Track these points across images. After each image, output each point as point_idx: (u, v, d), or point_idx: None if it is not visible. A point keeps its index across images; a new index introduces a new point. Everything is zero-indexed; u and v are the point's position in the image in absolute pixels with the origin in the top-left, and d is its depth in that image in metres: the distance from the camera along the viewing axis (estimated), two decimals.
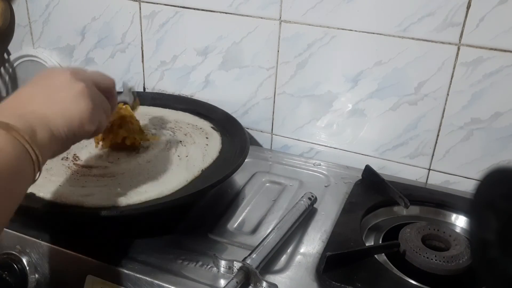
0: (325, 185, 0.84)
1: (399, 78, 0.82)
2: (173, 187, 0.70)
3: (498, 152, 0.80)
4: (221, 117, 0.91)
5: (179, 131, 0.87)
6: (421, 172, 0.87)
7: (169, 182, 0.71)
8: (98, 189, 0.68)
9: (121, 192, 0.67)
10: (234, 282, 0.57)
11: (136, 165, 0.74)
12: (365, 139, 0.90)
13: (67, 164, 0.75)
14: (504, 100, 0.77)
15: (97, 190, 0.67)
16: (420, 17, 0.77)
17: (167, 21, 0.97)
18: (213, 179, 0.69)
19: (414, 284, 0.61)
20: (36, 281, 0.67)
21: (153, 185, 0.69)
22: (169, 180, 0.71)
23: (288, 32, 0.87)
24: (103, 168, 0.74)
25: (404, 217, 0.76)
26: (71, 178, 0.71)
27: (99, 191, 0.67)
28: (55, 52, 1.11)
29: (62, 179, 0.70)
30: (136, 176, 0.72)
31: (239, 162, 0.74)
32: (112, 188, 0.68)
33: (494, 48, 0.75)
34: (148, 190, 0.68)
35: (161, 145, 0.80)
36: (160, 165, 0.75)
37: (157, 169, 0.74)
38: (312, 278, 0.62)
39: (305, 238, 0.70)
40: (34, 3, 1.08)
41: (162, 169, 0.74)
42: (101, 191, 0.67)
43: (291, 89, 0.91)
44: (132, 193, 0.67)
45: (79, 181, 0.70)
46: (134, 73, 1.05)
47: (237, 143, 0.83)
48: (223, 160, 0.79)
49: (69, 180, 0.70)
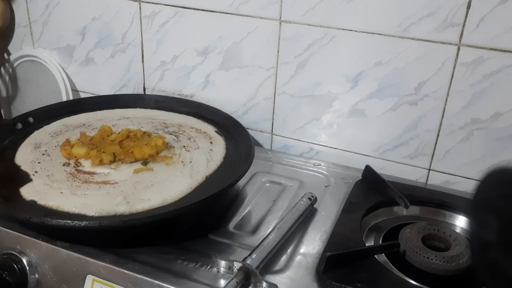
0: (325, 185, 0.84)
1: (399, 78, 0.82)
2: (177, 195, 0.69)
3: (498, 152, 0.80)
4: (225, 121, 0.91)
5: (182, 135, 0.86)
6: (421, 172, 0.87)
7: (172, 189, 0.70)
8: (100, 198, 0.67)
9: (124, 201, 0.66)
10: (234, 282, 0.57)
11: (138, 172, 0.74)
12: (365, 139, 0.89)
13: (68, 170, 0.74)
14: (504, 100, 0.77)
15: (99, 198, 0.67)
16: (420, 17, 0.77)
17: (167, 21, 0.97)
18: (218, 187, 0.68)
19: (414, 284, 0.61)
20: (36, 281, 0.66)
21: (157, 192, 0.69)
22: (172, 187, 0.70)
23: (288, 32, 0.87)
24: (105, 175, 0.73)
25: (404, 217, 0.76)
26: (73, 185, 0.70)
27: (101, 199, 0.66)
28: (55, 52, 1.11)
29: (63, 186, 0.70)
30: (139, 183, 0.71)
31: (245, 169, 0.73)
32: (115, 196, 0.67)
33: (494, 48, 0.75)
34: (151, 197, 0.67)
35: (165, 151, 0.80)
36: (164, 171, 0.74)
37: (161, 175, 0.73)
38: (312, 278, 0.62)
39: (305, 238, 0.70)
40: (34, 3, 1.08)
41: (165, 175, 0.73)
42: (103, 199, 0.67)
43: (291, 89, 0.91)
44: (135, 201, 0.66)
45: (81, 188, 0.70)
46: (134, 73, 1.05)
47: (241, 148, 0.82)
48: (227, 166, 0.79)
49: (71, 188, 0.70)
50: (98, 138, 0.82)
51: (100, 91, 1.10)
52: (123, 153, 0.77)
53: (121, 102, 0.98)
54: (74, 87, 1.13)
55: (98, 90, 1.10)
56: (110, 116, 0.94)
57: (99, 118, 0.93)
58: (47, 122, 0.90)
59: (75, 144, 0.79)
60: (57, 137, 0.85)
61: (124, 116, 0.94)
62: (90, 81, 1.11)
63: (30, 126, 0.88)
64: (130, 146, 0.79)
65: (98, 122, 0.91)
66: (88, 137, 0.82)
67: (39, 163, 0.77)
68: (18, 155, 0.79)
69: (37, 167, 0.75)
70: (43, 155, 0.79)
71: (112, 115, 0.95)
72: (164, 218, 0.64)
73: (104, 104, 0.97)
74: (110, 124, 0.87)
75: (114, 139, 0.81)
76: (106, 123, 0.89)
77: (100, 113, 0.95)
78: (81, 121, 0.92)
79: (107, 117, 0.94)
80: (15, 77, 1.18)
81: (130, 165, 0.76)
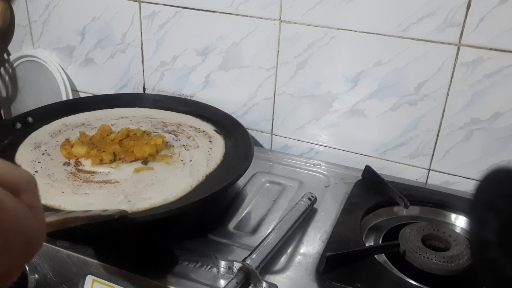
0: (325, 185, 0.84)
1: (399, 78, 0.82)
2: (178, 193, 0.69)
3: (498, 152, 0.80)
4: (224, 120, 0.91)
5: (181, 134, 0.86)
6: (421, 172, 0.87)
7: (173, 188, 0.70)
8: (101, 197, 0.67)
9: (125, 199, 0.66)
10: (234, 282, 0.57)
11: (139, 171, 0.74)
12: (365, 139, 0.89)
13: (69, 170, 0.74)
14: (504, 100, 0.77)
15: (100, 197, 0.67)
16: (420, 17, 0.77)
17: (167, 21, 0.97)
18: (218, 185, 0.68)
19: (414, 284, 0.61)
20: (36, 281, 0.66)
21: (158, 191, 0.69)
22: (173, 185, 0.70)
23: (288, 32, 0.87)
24: (105, 174, 0.73)
25: (404, 217, 0.76)
26: (74, 185, 0.70)
27: (102, 198, 0.66)
28: (55, 52, 1.11)
29: (64, 186, 0.70)
30: (140, 182, 0.71)
31: (245, 167, 0.73)
32: (116, 195, 0.67)
33: (494, 48, 0.75)
34: (152, 196, 0.67)
35: (165, 150, 0.80)
36: (164, 170, 0.74)
37: (161, 174, 0.73)
38: (312, 279, 0.62)
39: (305, 238, 0.70)
40: (34, 3, 1.08)
41: (166, 174, 0.73)
42: (105, 198, 0.67)
43: (291, 89, 0.91)
44: (136, 200, 0.66)
45: (82, 187, 0.70)
46: (134, 73, 1.05)
47: (241, 147, 0.82)
48: (227, 164, 0.79)
49: (72, 187, 0.70)
50: (98, 137, 0.82)
51: (100, 91, 1.10)
52: (123, 152, 0.77)
53: (120, 102, 0.99)
54: (74, 87, 1.13)
55: (98, 90, 1.10)
56: (109, 115, 0.94)
57: (98, 117, 0.93)
58: (46, 121, 0.90)
59: (75, 143, 0.79)
60: (57, 136, 0.85)
61: (123, 115, 0.94)
62: (90, 81, 1.11)
63: (29, 125, 0.88)
64: (130, 145, 0.79)
65: (97, 121, 0.91)
66: (87, 136, 0.82)
67: (39, 162, 0.77)
68: (18, 155, 0.79)
69: (37, 167, 0.75)
70: (43, 154, 0.79)
71: (111, 114, 0.95)
72: (166, 216, 0.64)
73: (103, 104, 0.97)
74: (109, 123, 0.87)
75: (114, 138, 0.81)
76: (105, 122, 0.89)
77: (99, 113, 0.95)
78: (80, 120, 0.92)
79: (106, 117, 0.94)
80: (15, 77, 1.18)
81: (130, 164, 0.76)
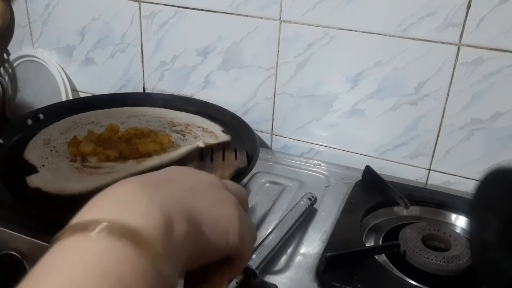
0: (325, 186, 0.84)
1: (399, 78, 0.82)
2: None
3: (498, 152, 0.80)
4: (232, 121, 0.91)
5: (189, 135, 0.87)
6: (421, 172, 0.87)
7: None
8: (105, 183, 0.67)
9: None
10: (234, 282, 0.56)
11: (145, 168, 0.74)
12: (365, 139, 0.89)
13: (75, 165, 0.76)
14: (504, 100, 0.77)
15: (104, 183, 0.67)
16: (420, 17, 0.77)
17: (167, 21, 0.97)
18: None
19: (414, 284, 0.61)
20: None
21: None
22: None
23: (288, 32, 0.87)
24: (111, 167, 0.75)
25: (404, 218, 0.76)
26: (78, 176, 0.72)
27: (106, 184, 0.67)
28: (55, 52, 1.11)
29: (69, 176, 0.72)
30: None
31: (249, 169, 0.73)
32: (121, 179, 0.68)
33: (494, 48, 0.75)
34: None
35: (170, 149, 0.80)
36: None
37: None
38: (312, 279, 0.62)
39: (305, 238, 0.70)
40: (34, 3, 1.08)
41: None
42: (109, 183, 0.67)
43: (291, 89, 0.91)
44: None
45: (87, 178, 0.72)
46: (134, 73, 1.05)
47: (247, 148, 0.83)
48: None
49: (76, 177, 0.72)
50: (105, 135, 0.83)
51: (100, 91, 1.10)
52: (129, 150, 0.78)
53: (130, 100, 0.99)
54: (74, 87, 1.13)
55: (97, 90, 1.10)
56: (119, 114, 0.95)
57: (108, 116, 0.94)
58: (57, 119, 0.91)
59: (82, 141, 0.80)
60: (66, 133, 0.86)
61: (133, 114, 0.95)
62: (90, 81, 1.11)
63: (40, 122, 0.90)
64: (136, 143, 0.79)
65: (106, 119, 0.92)
66: (95, 134, 0.83)
67: (46, 158, 0.78)
68: (27, 150, 0.81)
69: (44, 162, 0.77)
70: (51, 151, 0.80)
71: (120, 113, 0.96)
72: None
73: (114, 102, 0.98)
74: (118, 122, 0.88)
75: (121, 136, 0.81)
76: (115, 121, 0.90)
77: (109, 111, 0.96)
78: (90, 118, 0.93)
79: (116, 115, 0.94)
80: (14, 77, 1.18)
81: (136, 160, 0.76)
